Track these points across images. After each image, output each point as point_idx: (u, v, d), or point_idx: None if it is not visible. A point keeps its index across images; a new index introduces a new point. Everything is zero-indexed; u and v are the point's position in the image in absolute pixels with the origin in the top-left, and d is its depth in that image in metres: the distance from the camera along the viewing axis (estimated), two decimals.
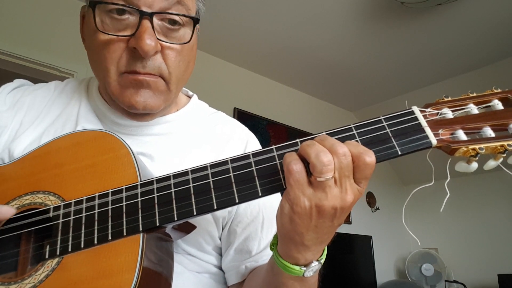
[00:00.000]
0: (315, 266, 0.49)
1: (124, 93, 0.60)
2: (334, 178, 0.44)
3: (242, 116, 3.38)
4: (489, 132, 0.46)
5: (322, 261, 0.51)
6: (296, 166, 0.44)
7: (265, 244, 0.69)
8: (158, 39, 0.58)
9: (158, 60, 0.59)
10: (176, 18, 0.60)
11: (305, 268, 0.49)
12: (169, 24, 0.60)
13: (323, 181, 0.44)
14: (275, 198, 0.73)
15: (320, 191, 0.44)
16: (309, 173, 0.45)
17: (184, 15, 0.60)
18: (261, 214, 0.69)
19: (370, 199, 4.31)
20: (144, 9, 0.57)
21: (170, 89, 0.63)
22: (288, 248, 0.49)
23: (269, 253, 0.67)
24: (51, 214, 0.53)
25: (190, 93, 0.80)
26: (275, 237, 0.53)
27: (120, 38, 0.58)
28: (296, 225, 0.46)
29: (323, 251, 0.51)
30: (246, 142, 0.74)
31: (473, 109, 0.48)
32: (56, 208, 0.53)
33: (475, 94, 0.49)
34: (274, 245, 0.53)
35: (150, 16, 0.57)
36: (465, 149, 0.45)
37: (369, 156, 0.44)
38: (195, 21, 0.62)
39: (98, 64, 0.61)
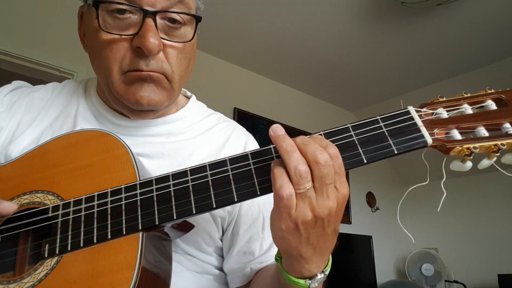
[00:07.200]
0: (320, 277, 0.49)
1: (129, 89, 0.60)
2: (315, 188, 0.44)
3: (242, 116, 3.38)
4: (483, 131, 0.46)
5: (327, 272, 0.50)
6: (287, 191, 0.43)
7: (267, 245, 0.69)
8: (161, 37, 0.58)
9: (161, 59, 0.59)
10: (177, 17, 0.60)
11: (310, 281, 0.49)
12: (170, 23, 0.60)
13: (302, 192, 0.43)
14: None
15: (301, 203, 0.43)
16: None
17: (186, 14, 0.60)
18: (261, 215, 0.69)
19: (370, 199, 4.31)
20: (147, 8, 0.57)
21: (173, 87, 0.63)
22: (290, 263, 0.49)
23: (272, 255, 0.67)
24: (50, 214, 0.53)
25: (189, 93, 0.80)
26: (279, 251, 0.52)
27: (123, 37, 0.58)
28: (289, 241, 0.46)
29: (328, 261, 0.50)
30: (245, 143, 0.74)
31: (468, 109, 0.49)
32: (55, 208, 0.53)
33: (469, 95, 0.50)
34: (279, 257, 0.53)
35: (153, 15, 0.57)
36: (460, 148, 0.46)
37: (323, 155, 0.43)
38: (197, 19, 0.62)
39: (101, 63, 0.61)
